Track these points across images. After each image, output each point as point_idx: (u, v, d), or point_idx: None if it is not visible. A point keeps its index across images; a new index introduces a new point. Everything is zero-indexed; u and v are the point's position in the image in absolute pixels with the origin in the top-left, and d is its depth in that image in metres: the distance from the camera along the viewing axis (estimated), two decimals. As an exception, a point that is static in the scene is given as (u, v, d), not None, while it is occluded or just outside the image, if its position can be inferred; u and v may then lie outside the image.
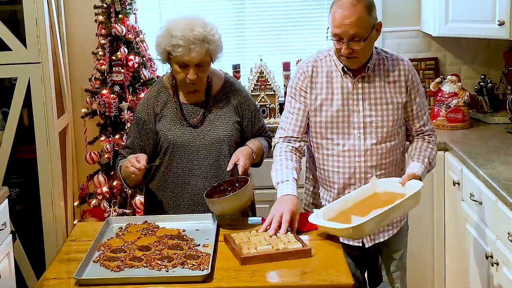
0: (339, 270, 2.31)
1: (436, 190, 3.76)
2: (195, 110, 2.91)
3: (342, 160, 2.78)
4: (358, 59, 2.69)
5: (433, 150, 2.86)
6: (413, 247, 3.58)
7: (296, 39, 4.35)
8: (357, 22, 2.61)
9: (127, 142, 2.98)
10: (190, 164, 2.87)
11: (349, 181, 2.79)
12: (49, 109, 3.71)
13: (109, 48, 3.77)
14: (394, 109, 2.77)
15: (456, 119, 3.96)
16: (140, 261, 2.37)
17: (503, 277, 2.85)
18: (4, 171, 3.72)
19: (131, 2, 3.83)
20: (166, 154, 2.89)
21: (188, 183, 2.90)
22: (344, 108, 2.75)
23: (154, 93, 2.93)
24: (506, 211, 2.78)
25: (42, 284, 2.29)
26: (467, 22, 3.77)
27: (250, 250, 2.37)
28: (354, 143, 2.76)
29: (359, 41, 2.63)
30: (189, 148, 2.87)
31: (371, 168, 2.78)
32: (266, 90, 4.08)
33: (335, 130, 2.77)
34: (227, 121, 2.92)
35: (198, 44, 2.74)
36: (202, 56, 2.76)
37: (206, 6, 4.30)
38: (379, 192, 2.67)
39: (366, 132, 2.76)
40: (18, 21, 3.80)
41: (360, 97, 2.75)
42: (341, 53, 2.67)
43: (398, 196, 2.55)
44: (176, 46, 2.73)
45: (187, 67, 2.78)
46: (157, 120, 2.90)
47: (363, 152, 2.76)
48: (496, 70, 4.18)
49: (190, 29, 2.74)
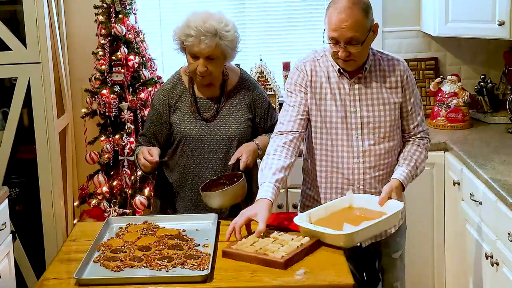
0: (339, 270, 2.31)
1: (436, 190, 3.76)
2: (209, 104, 2.97)
3: (341, 161, 2.77)
4: (355, 62, 2.68)
5: (422, 154, 2.82)
6: (413, 247, 3.59)
7: (296, 39, 4.35)
8: (354, 26, 2.58)
9: (144, 130, 3.09)
10: (201, 157, 2.94)
11: (347, 182, 2.78)
12: (49, 109, 3.71)
13: (109, 48, 3.77)
14: (391, 109, 2.76)
15: (456, 119, 3.96)
16: (140, 261, 2.37)
17: (503, 277, 2.85)
18: (4, 171, 3.72)
19: (131, 2, 3.83)
20: (178, 146, 2.96)
21: (197, 175, 2.95)
22: (341, 109, 2.74)
23: (170, 85, 3.01)
24: (506, 211, 2.78)
25: (42, 284, 2.29)
26: (467, 22, 3.77)
27: (237, 246, 2.42)
28: (352, 144, 2.75)
29: (356, 45, 2.61)
30: (200, 142, 2.94)
31: (370, 169, 2.77)
32: (266, 90, 4.08)
33: (334, 131, 2.76)
34: (239, 118, 2.98)
35: (209, 37, 2.80)
36: (211, 49, 2.81)
37: (206, 6, 4.29)
38: (354, 207, 2.68)
39: (364, 133, 2.75)
40: (18, 21, 3.80)
41: (357, 98, 2.74)
42: (338, 56, 2.65)
43: (373, 214, 2.57)
44: (188, 36, 2.82)
45: (198, 58, 2.84)
46: (171, 111, 2.97)
47: (361, 153, 2.75)
48: (496, 70, 4.18)
49: (203, 21, 2.81)
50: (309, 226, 2.50)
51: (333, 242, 2.45)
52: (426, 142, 2.86)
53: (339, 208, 2.66)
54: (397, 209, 2.56)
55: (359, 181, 2.77)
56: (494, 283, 2.98)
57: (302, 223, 2.52)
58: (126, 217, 2.83)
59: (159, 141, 3.00)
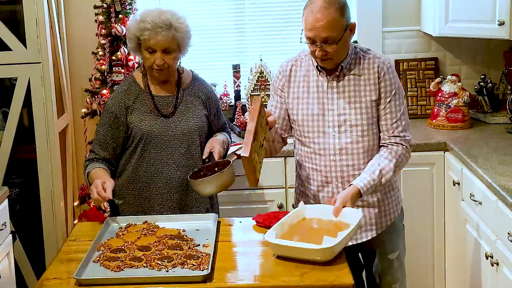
0: (339, 270, 2.31)
1: (436, 190, 3.76)
2: (166, 101, 3.01)
3: (319, 158, 2.80)
4: (333, 60, 2.72)
5: (391, 163, 2.73)
6: (413, 247, 3.59)
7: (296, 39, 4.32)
8: (329, 25, 2.62)
9: (98, 137, 3.01)
10: (163, 153, 2.96)
11: (326, 179, 2.81)
12: (49, 109, 3.71)
13: (109, 48, 3.77)
14: (367, 107, 2.76)
15: (456, 119, 3.96)
16: (140, 261, 2.37)
17: (503, 277, 2.85)
18: (4, 171, 3.72)
19: (131, 2, 3.83)
20: (138, 146, 2.96)
21: (161, 172, 2.97)
22: (319, 107, 2.78)
23: (125, 87, 3.04)
24: (506, 211, 2.78)
25: (42, 284, 2.29)
26: (467, 22, 3.77)
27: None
28: (329, 141, 2.78)
29: (332, 44, 2.65)
30: (161, 138, 2.96)
31: (347, 167, 2.78)
32: (266, 90, 4.08)
33: (311, 129, 2.80)
34: (197, 113, 3.04)
35: (165, 29, 2.88)
36: (168, 40, 2.89)
37: (206, 6, 4.30)
38: (307, 218, 2.63)
39: (341, 131, 2.77)
40: (18, 21, 3.80)
41: (335, 96, 2.77)
42: (315, 55, 2.69)
43: (330, 224, 2.55)
44: (144, 30, 2.88)
45: (155, 52, 2.90)
46: (128, 113, 2.98)
47: (338, 150, 2.77)
48: (496, 70, 4.18)
49: (158, 14, 2.90)
50: (286, 243, 2.39)
51: (312, 257, 2.35)
52: (401, 149, 2.76)
53: (295, 221, 2.60)
54: (357, 218, 2.50)
55: (337, 179, 2.79)
56: (494, 283, 2.98)
57: (277, 240, 2.41)
58: (126, 217, 2.82)
59: (115, 146, 2.98)
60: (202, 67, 3.95)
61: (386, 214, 2.88)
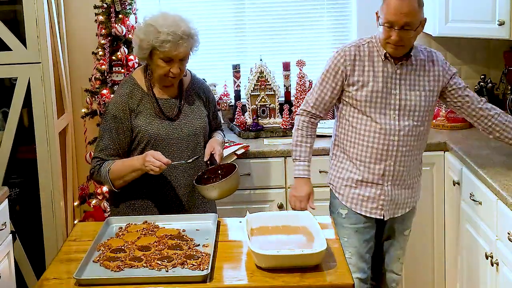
0: (339, 270, 2.31)
1: (436, 190, 3.77)
2: (170, 104, 2.99)
3: (378, 137, 3.00)
4: (404, 48, 2.93)
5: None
6: (413, 247, 3.59)
7: (296, 39, 4.35)
8: (411, 13, 2.85)
9: (103, 143, 2.94)
10: (170, 156, 2.91)
11: (380, 157, 3.02)
12: (49, 109, 3.71)
13: (109, 48, 3.77)
14: (426, 96, 3.02)
15: (456, 119, 3.96)
16: (140, 261, 2.37)
17: (503, 277, 2.85)
18: (4, 171, 3.72)
19: (131, 2, 3.83)
20: (145, 149, 2.92)
21: (168, 175, 2.95)
22: (383, 90, 2.98)
23: (127, 91, 2.97)
24: (506, 211, 2.78)
25: (42, 284, 2.29)
26: (467, 22, 3.77)
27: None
28: (389, 122, 2.99)
29: (409, 30, 2.86)
30: (168, 141, 2.95)
31: (402, 147, 3.01)
32: (266, 90, 4.08)
33: (373, 110, 2.99)
34: (200, 114, 3.04)
35: (186, 40, 2.85)
36: (188, 51, 2.89)
37: (206, 6, 4.30)
38: (253, 228, 2.57)
39: (401, 114, 3.00)
40: (18, 21, 3.80)
41: (398, 81, 2.99)
42: (390, 40, 2.88)
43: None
44: (165, 42, 2.82)
45: (171, 61, 2.87)
46: (133, 116, 2.94)
47: (397, 131, 2.99)
48: (496, 70, 4.18)
49: (177, 25, 2.85)
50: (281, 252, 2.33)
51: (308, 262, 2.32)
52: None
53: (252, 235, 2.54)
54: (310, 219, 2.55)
55: (391, 158, 3.02)
56: (494, 283, 2.98)
57: (268, 251, 2.34)
58: (126, 217, 2.82)
59: (123, 150, 2.94)
60: (202, 67, 3.96)
61: (416, 195, 3.18)
